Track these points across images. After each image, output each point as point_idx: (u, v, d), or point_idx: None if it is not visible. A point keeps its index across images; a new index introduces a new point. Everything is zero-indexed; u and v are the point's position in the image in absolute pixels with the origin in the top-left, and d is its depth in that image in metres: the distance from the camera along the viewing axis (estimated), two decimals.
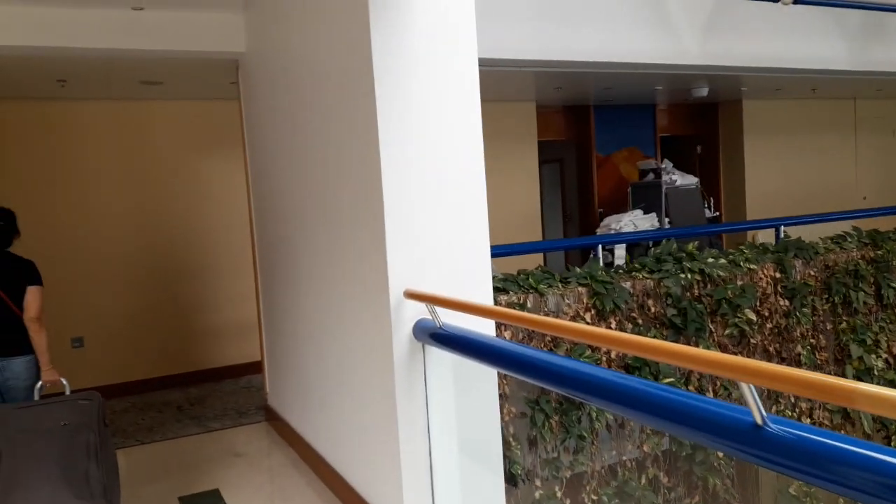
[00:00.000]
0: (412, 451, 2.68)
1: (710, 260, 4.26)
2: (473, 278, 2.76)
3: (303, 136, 3.41)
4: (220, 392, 5.74)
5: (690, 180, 7.74)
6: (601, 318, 3.83)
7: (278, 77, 3.74)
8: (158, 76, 5.14)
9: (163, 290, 6.00)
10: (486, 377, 2.74)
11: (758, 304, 4.31)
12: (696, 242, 4.48)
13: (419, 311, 2.63)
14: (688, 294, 4.10)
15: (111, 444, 2.97)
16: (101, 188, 5.76)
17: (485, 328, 2.68)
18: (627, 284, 3.96)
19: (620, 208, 7.80)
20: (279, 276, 4.03)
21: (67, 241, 5.61)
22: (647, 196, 7.61)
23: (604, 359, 3.75)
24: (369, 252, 2.72)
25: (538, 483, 3.63)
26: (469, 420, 2.77)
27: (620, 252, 6.22)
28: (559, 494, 3.65)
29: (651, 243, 5.91)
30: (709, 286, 4.17)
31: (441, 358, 2.66)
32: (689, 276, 4.09)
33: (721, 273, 4.19)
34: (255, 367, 6.23)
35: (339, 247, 3.07)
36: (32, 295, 3.36)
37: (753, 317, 4.23)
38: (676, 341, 3.91)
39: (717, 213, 8.51)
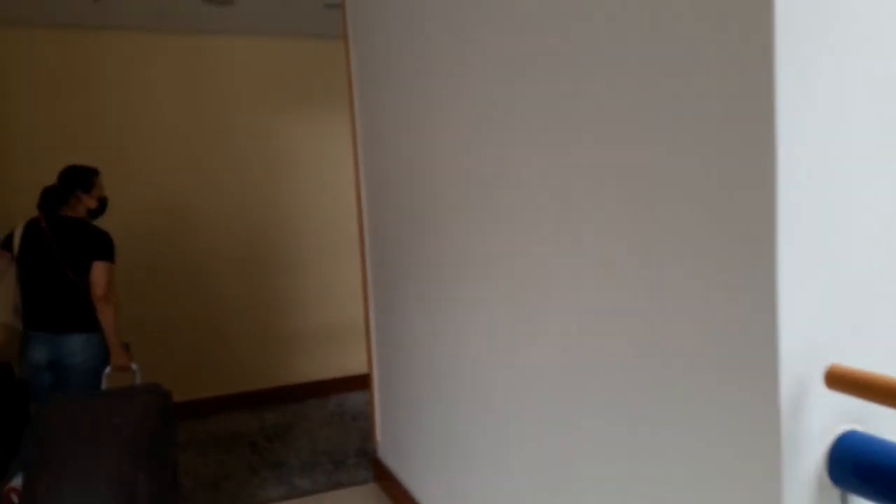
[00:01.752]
0: None
1: None
2: None
3: (530, 91, 1.70)
4: (304, 420, 4.36)
5: None
6: None
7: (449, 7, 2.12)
8: None
9: (229, 286, 4.63)
10: None
11: None
12: None
13: (844, 411, 1.14)
14: None
15: (172, 448, 2.62)
16: (149, 156, 4.40)
17: None
18: None
19: None
20: (417, 288, 2.50)
21: (106, 222, 4.29)
22: None
23: None
24: (716, 278, 1.19)
25: None
26: None
27: None
28: None
29: None
30: None
31: None
32: None
33: None
34: (346, 385, 4.86)
35: (617, 259, 1.44)
36: (98, 271, 3.00)
37: None
38: None
39: None
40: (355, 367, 4.91)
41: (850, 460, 1.11)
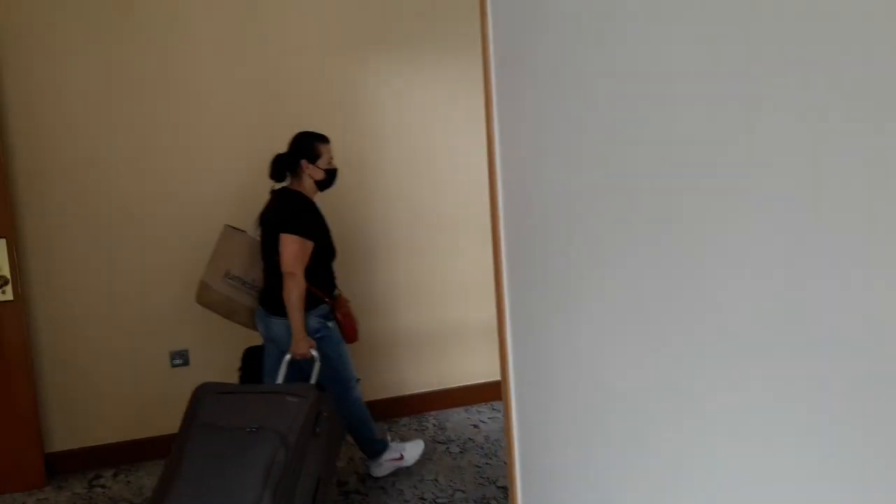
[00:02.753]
0: None
1: None
2: None
3: None
4: None
5: None
6: None
7: None
8: None
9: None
10: None
11: None
12: None
13: None
14: None
15: (316, 464, 2.23)
16: (207, 121, 3.51)
17: None
18: None
19: None
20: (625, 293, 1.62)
21: (159, 199, 3.42)
22: None
23: None
24: None
25: None
26: None
27: None
28: None
29: None
30: None
31: None
32: None
33: None
34: (444, 399, 3.99)
35: None
36: (283, 244, 2.74)
37: None
38: None
39: None
40: (456, 377, 4.03)
41: None
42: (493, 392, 4.06)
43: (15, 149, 3.19)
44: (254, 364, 3.02)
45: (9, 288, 3.08)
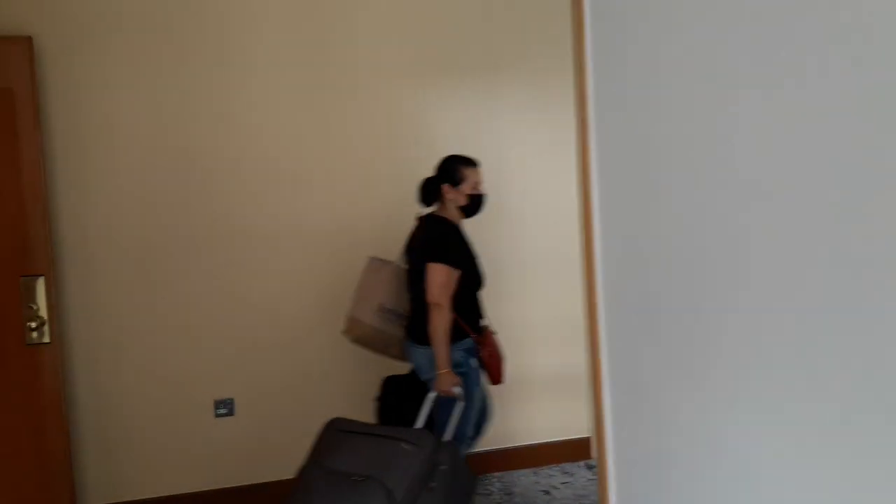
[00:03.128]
0: None
1: None
2: None
3: None
4: None
5: None
6: None
7: None
8: None
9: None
10: None
11: None
12: None
13: None
14: None
15: None
16: (257, 129, 3.29)
17: None
18: None
19: None
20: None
21: (199, 223, 3.21)
22: None
23: None
24: None
25: None
26: None
27: None
28: None
29: None
30: None
31: None
32: None
33: None
34: (510, 460, 3.59)
35: None
36: (428, 273, 2.61)
37: None
38: None
39: None
40: (522, 434, 3.64)
41: None
42: (564, 452, 3.65)
43: (59, 183, 3.03)
44: (393, 394, 2.85)
45: (46, 329, 2.88)
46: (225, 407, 3.27)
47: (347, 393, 3.35)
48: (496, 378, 2.76)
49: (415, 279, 2.70)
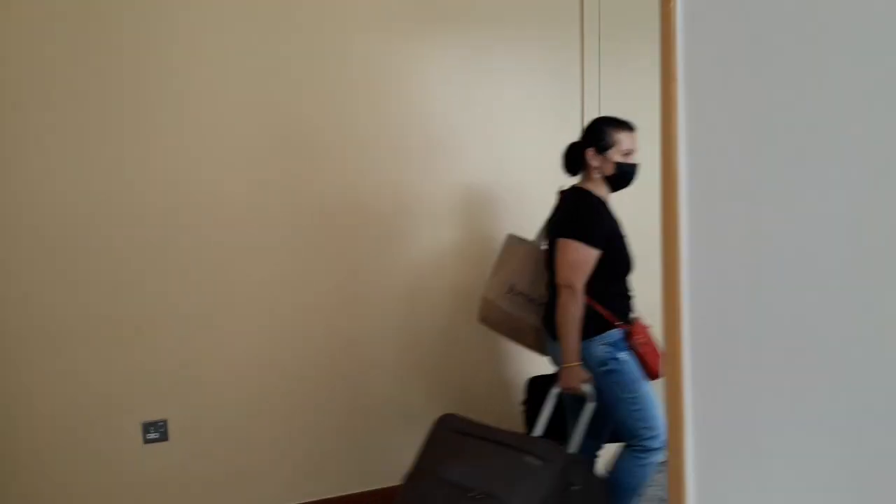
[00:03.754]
0: None
1: None
2: None
3: None
4: None
5: None
6: None
7: None
8: None
9: (344, 326, 2.93)
10: None
11: None
12: None
13: None
14: None
15: None
16: (216, 120, 2.72)
17: None
18: None
19: None
20: None
21: (148, 220, 2.63)
22: None
23: None
24: None
25: None
26: None
27: None
28: None
29: None
30: None
31: None
32: None
33: None
34: None
35: None
36: (559, 251, 2.31)
37: None
38: None
39: None
40: None
41: None
42: None
43: None
44: (539, 396, 2.53)
45: None
46: (156, 430, 2.71)
47: (305, 416, 2.84)
48: (653, 373, 2.40)
49: (552, 261, 2.40)
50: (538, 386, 2.60)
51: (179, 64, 2.62)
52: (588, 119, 2.53)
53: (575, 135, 2.53)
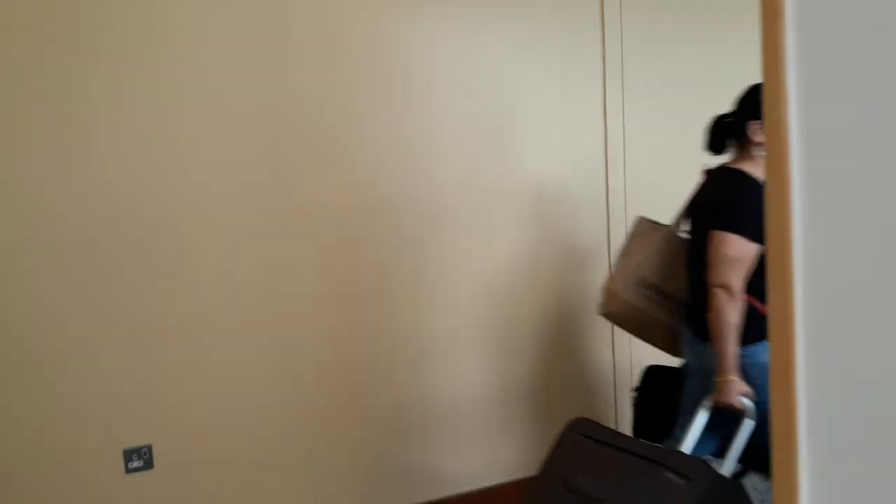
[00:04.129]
0: None
1: None
2: None
3: None
4: None
5: None
6: None
7: None
8: None
9: (353, 339, 2.62)
10: None
11: None
12: None
13: None
14: None
15: None
16: (205, 115, 2.43)
17: None
18: None
19: None
20: None
21: (136, 231, 2.34)
22: None
23: None
24: None
25: None
26: None
27: None
28: None
29: None
30: None
31: None
32: None
33: None
34: None
35: None
36: (712, 245, 1.98)
37: None
38: None
39: None
40: None
41: None
42: None
43: None
44: (654, 387, 2.39)
45: None
46: (139, 458, 2.42)
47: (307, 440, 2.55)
48: None
49: (697, 252, 2.10)
50: (656, 377, 2.40)
51: (171, 64, 2.34)
52: (617, 101, 2.26)
53: (597, 117, 2.27)
